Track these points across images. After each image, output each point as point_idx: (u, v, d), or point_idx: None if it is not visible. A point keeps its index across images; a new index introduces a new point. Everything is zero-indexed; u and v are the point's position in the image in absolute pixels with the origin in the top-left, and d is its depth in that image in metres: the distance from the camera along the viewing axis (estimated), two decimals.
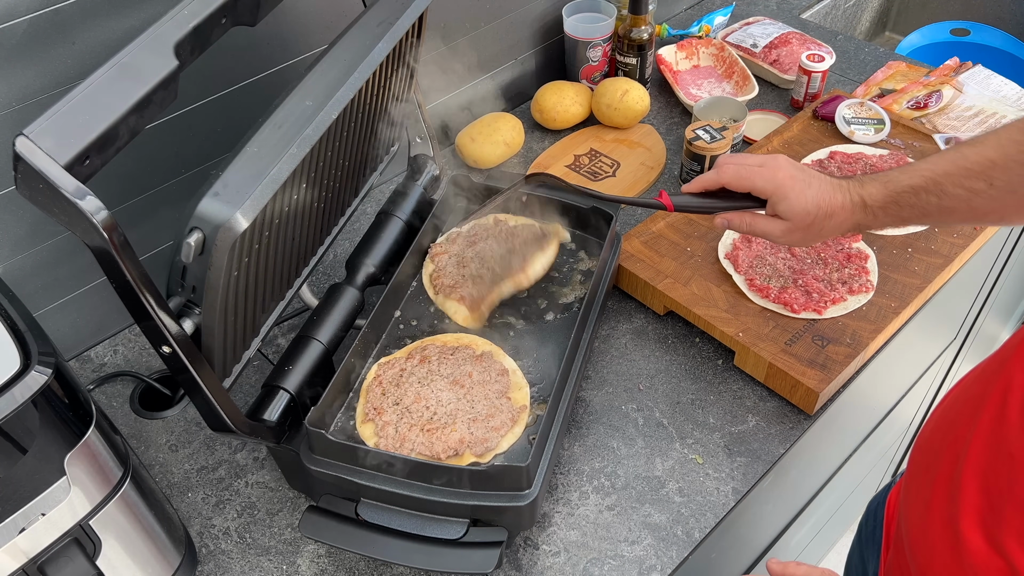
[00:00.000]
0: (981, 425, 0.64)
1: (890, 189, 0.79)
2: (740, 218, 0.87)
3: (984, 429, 0.63)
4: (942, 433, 0.71)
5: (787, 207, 0.82)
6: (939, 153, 0.78)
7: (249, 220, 0.67)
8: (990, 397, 0.64)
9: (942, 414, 0.74)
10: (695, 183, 0.89)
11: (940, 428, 0.72)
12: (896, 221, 0.81)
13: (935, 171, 0.76)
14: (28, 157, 0.51)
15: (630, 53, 1.39)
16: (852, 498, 1.68)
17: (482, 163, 1.31)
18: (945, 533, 0.65)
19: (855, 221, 0.82)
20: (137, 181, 1.01)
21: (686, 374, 1.01)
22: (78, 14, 0.86)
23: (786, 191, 0.82)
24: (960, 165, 0.74)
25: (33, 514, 0.64)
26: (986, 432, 0.63)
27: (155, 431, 1.00)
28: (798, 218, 0.82)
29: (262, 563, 0.86)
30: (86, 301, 1.04)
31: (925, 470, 0.72)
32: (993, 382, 0.65)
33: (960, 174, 0.74)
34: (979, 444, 0.63)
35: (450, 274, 1.04)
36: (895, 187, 0.79)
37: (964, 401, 0.69)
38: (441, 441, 0.86)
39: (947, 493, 0.66)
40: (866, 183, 0.81)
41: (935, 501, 0.67)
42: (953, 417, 0.70)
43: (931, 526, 0.67)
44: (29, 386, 0.58)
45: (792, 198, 0.81)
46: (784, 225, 0.84)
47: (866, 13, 2.06)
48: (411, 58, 0.98)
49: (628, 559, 0.84)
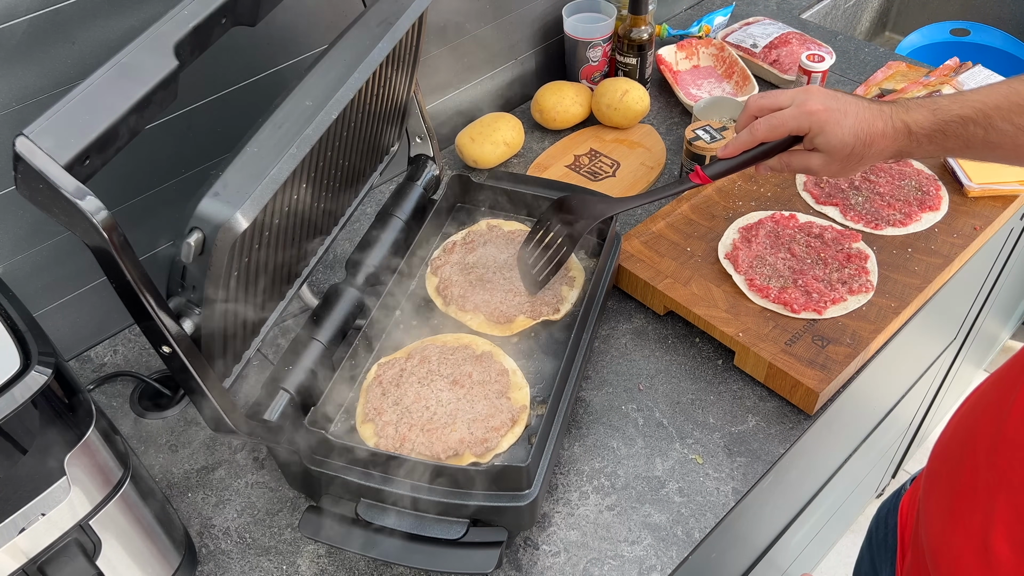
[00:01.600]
0: (1009, 433, 0.63)
1: (938, 117, 0.77)
2: (777, 160, 0.86)
3: (1015, 438, 0.62)
4: (960, 440, 0.70)
5: (824, 140, 0.80)
6: (990, 85, 0.76)
7: (249, 220, 0.67)
8: (1013, 402, 0.63)
9: (959, 421, 0.73)
10: (732, 147, 0.86)
11: (958, 435, 0.71)
12: (939, 150, 0.79)
13: (986, 103, 0.74)
14: (28, 157, 0.51)
15: (630, 53, 1.39)
16: (852, 498, 1.68)
17: (482, 163, 1.31)
18: (970, 542, 0.64)
19: (897, 148, 0.80)
20: (137, 181, 1.01)
21: (686, 374, 1.01)
22: (78, 14, 0.86)
23: (821, 125, 0.79)
24: (1012, 100, 0.73)
25: (33, 514, 0.64)
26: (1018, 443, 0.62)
27: (155, 431, 1.00)
28: (836, 150, 0.80)
29: (262, 563, 0.86)
30: (86, 301, 1.04)
31: (945, 477, 0.71)
32: (1013, 388, 0.64)
33: (1011, 109, 0.73)
34: (1006, 452, 0.62)
35: (457, 283, 1.04)
36: (944, 115, 0.76)
37: (983, 408, 0.69)
38: (441, 441, 0.86)
39: (970, 501, 0.65)
40: (912, 109, 0.78)
41: (957, 508, 0.66)
42: (971, 424, 0.69)
43: (955, 534, 0.67)
44: (29, 386, 0.58)
45: (828, 131, 0.79)
46: (822, 157, 0.82)
47: (866, 13, 2.07)
48: (411, 58, 0.98)
49: (628, 559, 0.84)
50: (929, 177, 1.17)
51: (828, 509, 1.53)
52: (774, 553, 1.32)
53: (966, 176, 1.14)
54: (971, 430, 0.69)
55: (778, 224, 1.11)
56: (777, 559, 1.38)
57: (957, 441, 0.71)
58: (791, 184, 1.20)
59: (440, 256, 1.09)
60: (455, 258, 1.08)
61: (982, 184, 1.13)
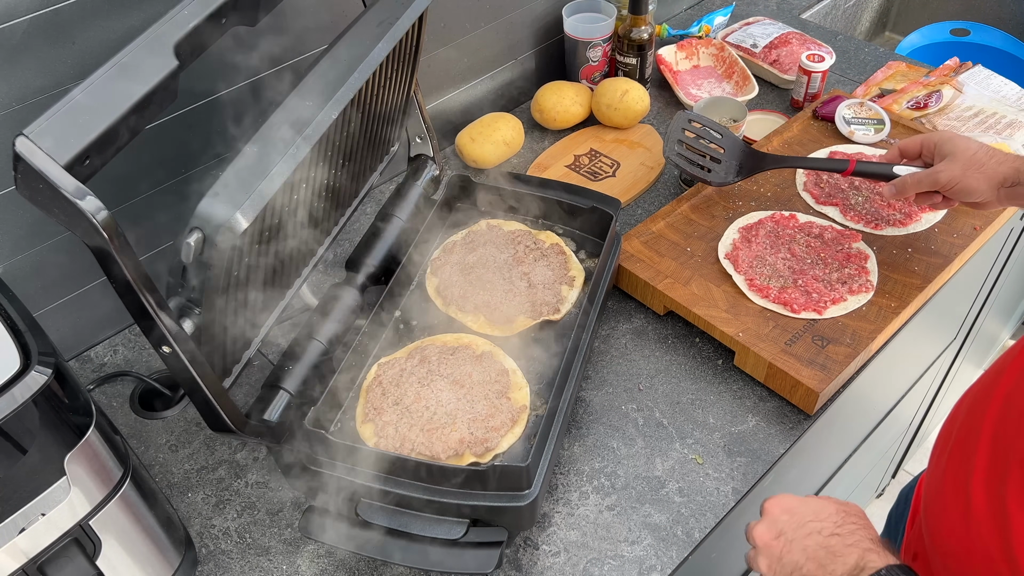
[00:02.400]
0: (998, 391, 0.66)
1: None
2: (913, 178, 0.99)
3: (1001, 393, 0.65)
4: (963, 414, 0.73)
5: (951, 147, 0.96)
6: None
7: (249, 220, 0.67)
8: (1008, 369, 0.66)
9: (962, 401, 0.76)
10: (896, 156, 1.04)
11: (960, 410, 0.75)
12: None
13: None
14: (28, 157, 0.51)
15: (630, 53, 1.39)
16: (852, 498, 1.67)
17: (482, 163, 1.31)
18: (957, 497, 0.67)
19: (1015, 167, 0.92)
20: (137, 181, 1.01)
21: (686, 374, 1.01)
22: (78, 14, 0.86)
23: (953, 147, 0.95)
24: None
25: (33, 514, 0.64)
26: (1002, 395, 0.65)
27: (155, 431, 1.00)
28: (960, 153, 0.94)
29: (262, 563, 0.86)
30: (86, 301, 1.04)
31: (944, 441, 0.74)
32: (1011, 358, 0.67)
33: None
34: (994, 408, 0.65)
35: (457, 283, 1.04)
36: None
37: (984, 385, 0.72)
38: (441, 441, 0.86)
39: (961, 457, 0.67)
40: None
41: (950, 466, 0.69)
42: (971, 402, 0.72)
43: (944, 489, 0.69)
44: (29, 386, 0.58)
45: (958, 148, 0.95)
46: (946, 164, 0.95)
47: (866, 13, 2.07)
48: (411, 58, 0.98)
49: (628, 559, 0.84)
50: None
51: None
52: None
53: None
54: (971, 406, 0.72)
55: (778, 224, 1.11)
56: None
57: (959, 414, 0.74)
58: (791, 184, 1.20)
59: (440, 256, 1.09)
60: (455, 258, 1.08)
61: None
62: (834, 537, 0.68)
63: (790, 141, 1.28)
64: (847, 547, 0.67)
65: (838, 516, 0.71)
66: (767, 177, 1.21)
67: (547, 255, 1.07)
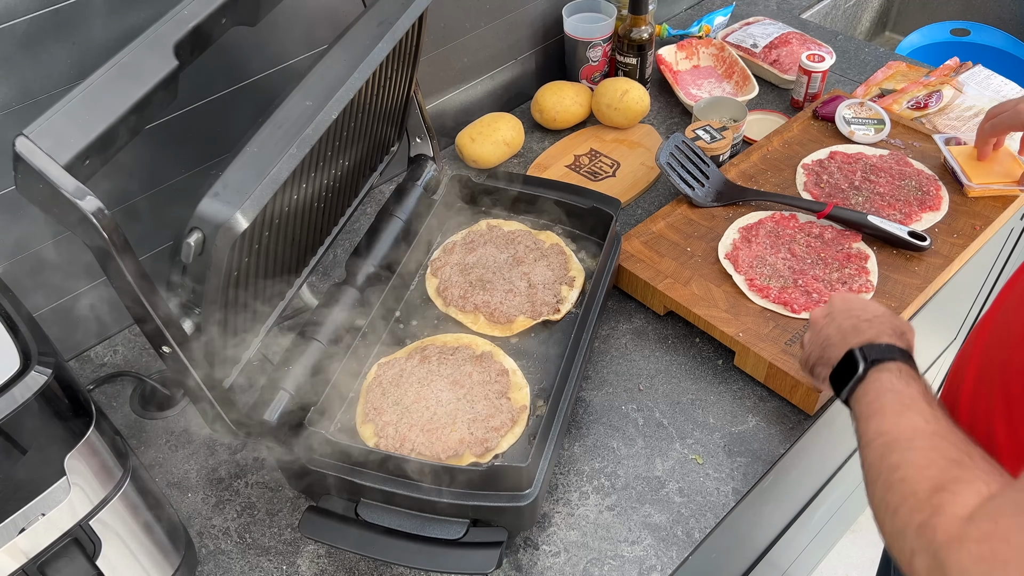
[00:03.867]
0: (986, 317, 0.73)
1: None
2: None
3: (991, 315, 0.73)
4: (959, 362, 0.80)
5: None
6: None
7: (249, 220, 0.67)
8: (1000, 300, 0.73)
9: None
10: None
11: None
12: None
13: None
14: (28, 157, 0.51)
15: (630, 53, 1.39)
16: (852, 498, 1.67)
17: (482, 163, 1.31)
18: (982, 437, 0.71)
19: None
20: (137, 181, 1.01)
21: (686, 374, 1.01)
22: (78, 14, 0.86)
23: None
24: None
25: (33, 514, 0.64)
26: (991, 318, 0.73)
27: (155, 431, 1.00)
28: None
29: (262, 563, 0.86)
30: (86, 301, 1.04)
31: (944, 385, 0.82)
32: None
33: None
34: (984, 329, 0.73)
35: (457, 284, 1.04)
36: None
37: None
38: (441, 441, 0.86)
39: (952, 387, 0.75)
40: None
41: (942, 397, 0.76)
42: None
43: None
44: (29, 386, 0.58)
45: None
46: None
47: (866, 13, 2.07)
48: (411, 58, 0.98)
49: (628, 559, 0.84)
50: (929, 177, 1.17)
51: (828, 509, 1.53)
52: (774, 553, 1.32)
53: (966, 176, 1.14)
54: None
55: (778, 224, 1.11)
56: (777, 559, 1.37)
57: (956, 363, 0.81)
58: (791, 184, 1.20)
59: (440, 257, 1.09)
60: (455, 258, 1.08)
61: (982, 184, 1.13)
62: (865, 322, 0.77)
63: (790, 141, 1.28)
64: (871, 328, 0.76)
65: (882, 313, 0.79)
66: (767, 177, 1.21)
67: (547, 255, 1.07)
